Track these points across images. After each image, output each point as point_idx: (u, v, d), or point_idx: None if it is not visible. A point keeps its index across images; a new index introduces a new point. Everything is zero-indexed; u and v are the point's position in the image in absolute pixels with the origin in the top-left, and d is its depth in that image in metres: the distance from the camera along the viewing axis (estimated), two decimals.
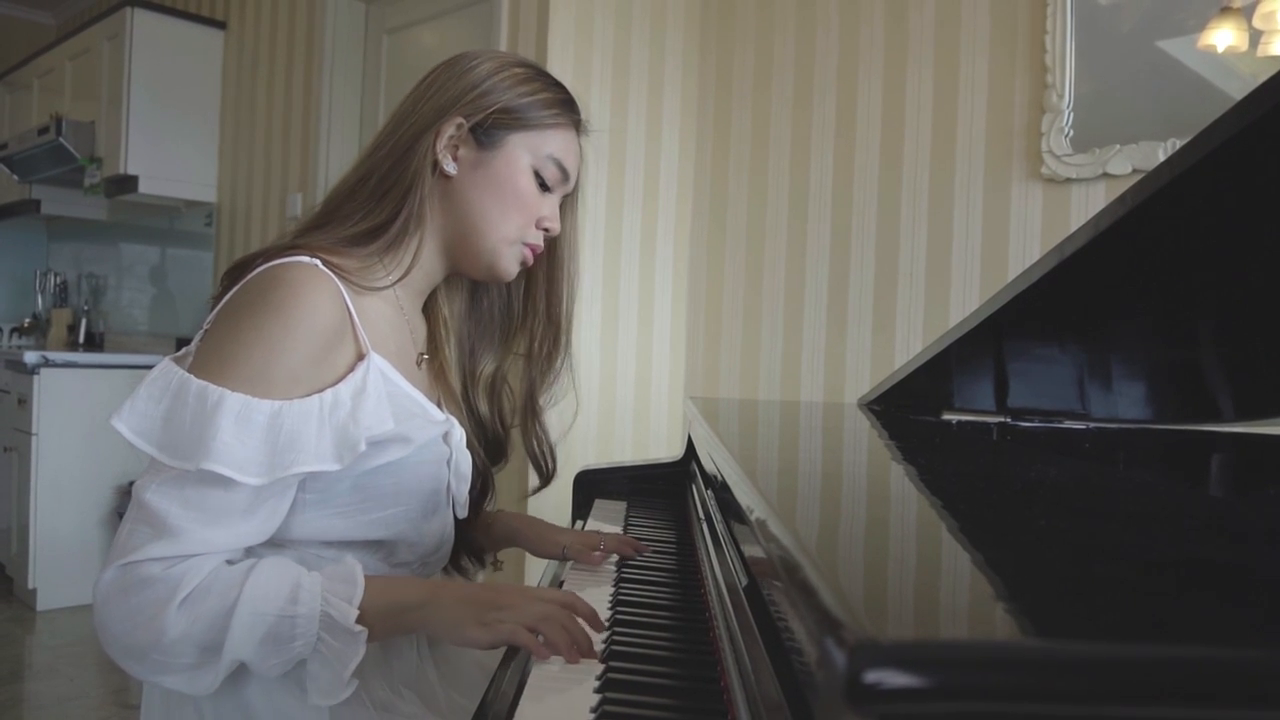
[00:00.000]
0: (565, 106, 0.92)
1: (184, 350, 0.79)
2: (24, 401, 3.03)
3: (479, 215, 0.89)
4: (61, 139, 3.41)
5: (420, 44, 2.75)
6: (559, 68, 2.15)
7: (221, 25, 3.47)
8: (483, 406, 0.99)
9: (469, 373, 0.99)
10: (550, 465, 1.04)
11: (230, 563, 0.74)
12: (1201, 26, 1.64)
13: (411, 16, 2.77)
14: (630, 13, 2.31)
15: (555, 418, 1.07)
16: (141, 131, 3.28)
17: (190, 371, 0.73)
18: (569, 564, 0.99)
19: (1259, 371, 1.20)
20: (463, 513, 0.94)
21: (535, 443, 1.02)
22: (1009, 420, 1.42)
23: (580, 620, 0.71)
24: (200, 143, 3.41)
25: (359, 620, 0.71)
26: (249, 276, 0.78)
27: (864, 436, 1.12)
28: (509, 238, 0.90)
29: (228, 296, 0.78)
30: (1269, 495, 1.01)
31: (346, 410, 0.76)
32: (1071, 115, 1.83)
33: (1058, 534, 0.47)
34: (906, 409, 1.48)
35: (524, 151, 0.89)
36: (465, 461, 0.93)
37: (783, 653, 0.42)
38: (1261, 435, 1.33)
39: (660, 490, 1.43)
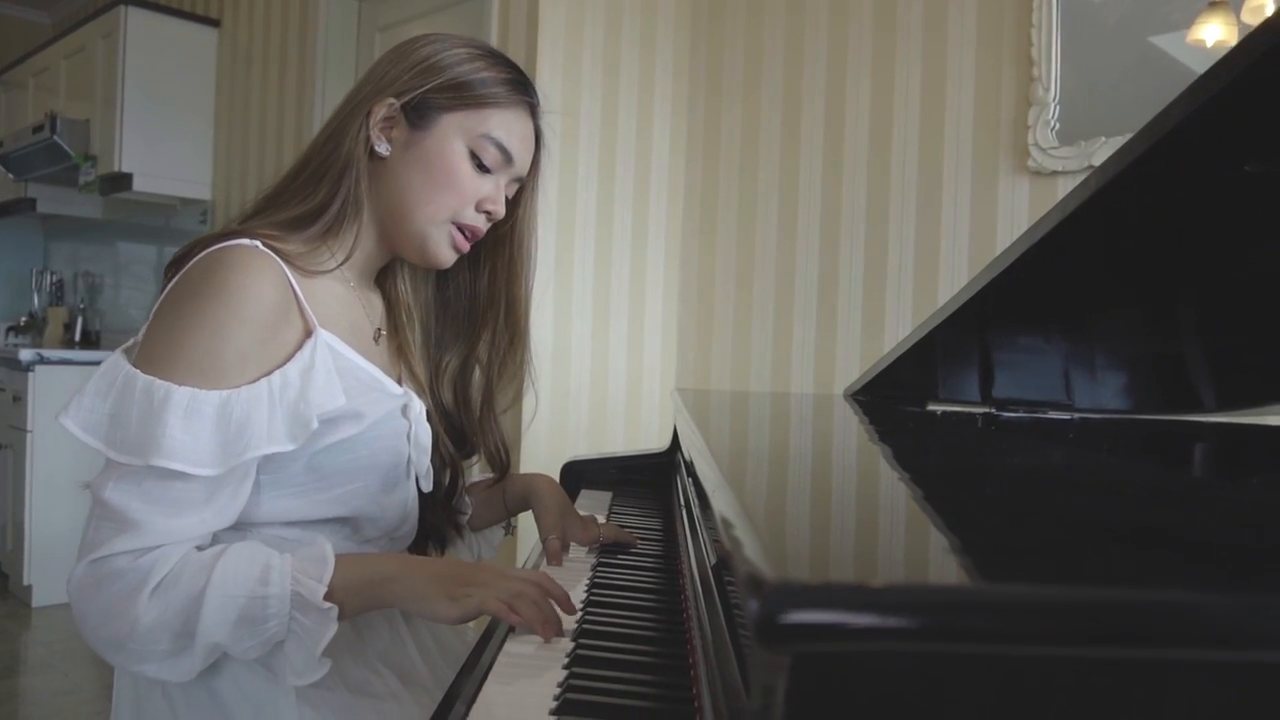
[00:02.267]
0: (509, 86, 0.89)
1: (132, 341, 0.79)
2: (19, 399, 3.04)
3: (407, 195, 0.87)
4: (56, 137, 3.41)
5: None
6: (549, 66, 2.16)
7: (215, 23, 3.47)
8: (447, 397, 0.99)
9: (435, 364, 0.99)
10: (504, 459, 1.03)
11: (201, 549, 0.74)
12: (1189, 21, 1.65)
13: (404, 13, 2.77)
14: (620, 10, 2.32)
15: (512, 416, 1.07)
16: (136, 129, 3.28)
17: (136, 365, 0.74)
18: (540, 558, 0.99)
19: (1240, 363, 1.21)
20: (426, 486, 0.94)
21: (490, 438, 1.01)
22: (994, 411, 1.43)
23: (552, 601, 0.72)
24: (195, 140, 3.42)
25: (329, 597, 0.72)
26: (189, 264, 0.78)
27: (839, 423, 1.13)
28: (436, 218, 0.87)
29: (169, 286, 0.78)
30: (1234, 475, 1.02)
31: (296, 389, 0.76)
32: (1058, 108, 1.83)
33: (999, 501, 0.48)
34: (892, 400, 1.49)
35: (457, 131, 0.87)
36: (425, 434, 0.92)
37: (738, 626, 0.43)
38: (1241, 425, 1.34)
39: (647, 481, 1.44)
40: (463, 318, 1.00)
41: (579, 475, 1.47)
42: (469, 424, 1.00)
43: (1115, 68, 1.77)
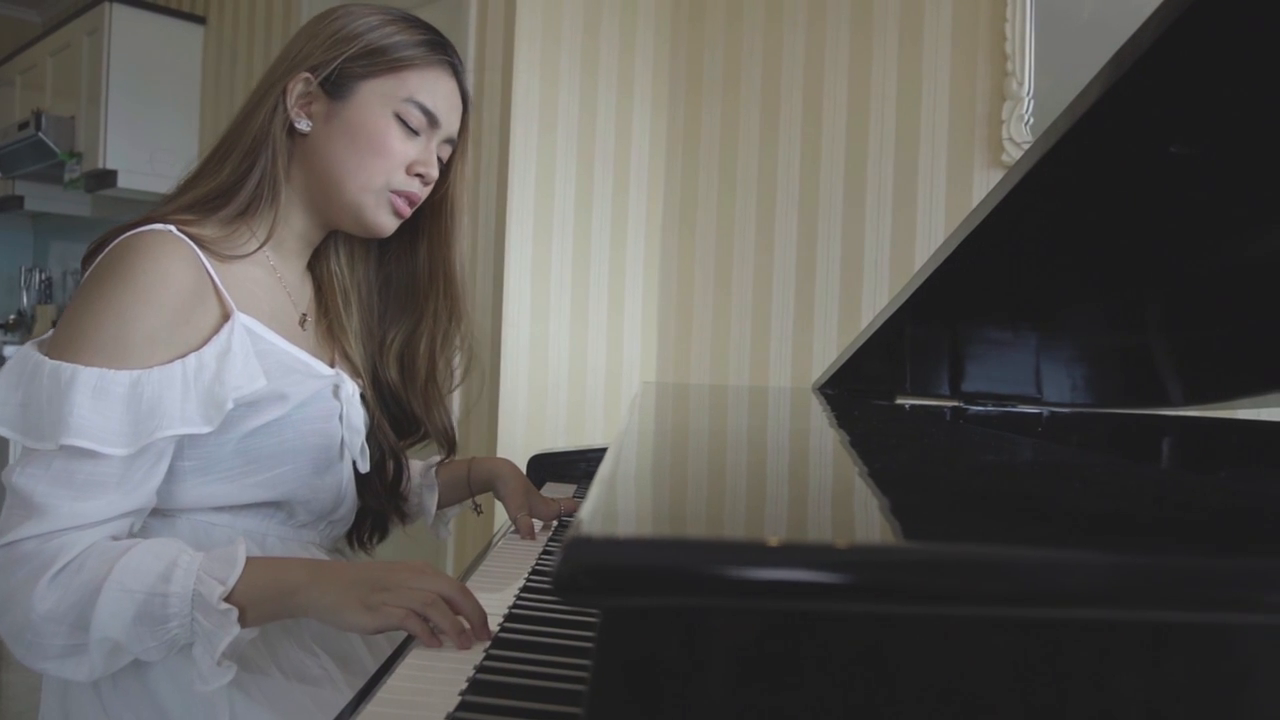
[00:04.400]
0: (425, 47, 0.89)
1: (46, 334, 0.79)
2: None
3: (336, 167, 0.86)
4: (41, 134, 3.41)
5: None
6: (526, 65, 2.16)
7: (201, 20, 3.47)
8: (393, 374, 0.98)
9: (379, 342, 0.98)
10: (451, 437, 1.03)
11: (118, 540, 0.73)
12: None
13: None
14: (599, 10, 2.32)
15: (487, 411, 1.08)
16: (120, 126, 3.28)
17: (46, 353, 0.73)
18: (508, 530, 1.00)
19: (1207, 358, 1.21)
20: (364, 466, 0.93)
21: (436, 415, 1.00)
22: (962, 405, 1.43)
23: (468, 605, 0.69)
24: (180, 137, 3.42)
25: (232, 600, 0.70)
26: (103, 253, 0.78)
27: (788, 412, 1.13)
28: (369, 186, 0.87)
29: (85, 276, 0.78)
30: (1173, 460, 1.02)
31: (211, 372, 0.75)
32: (1032, 103, 1.83)
33: (900, 475, 0.47)
34: (860, 393, 1.49)
35: (378, 97, 0.86)
36: (358, 415, 0.92)
37: None
38: (1205, 419, 1.34)
39: None
40: (405, 293, 0.99)
41: (545, 468, 1.47)
42: (415, 402, 0.99)
43: (1089, 63, 1.76)
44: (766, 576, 0.24)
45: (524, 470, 1.44)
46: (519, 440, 2.14)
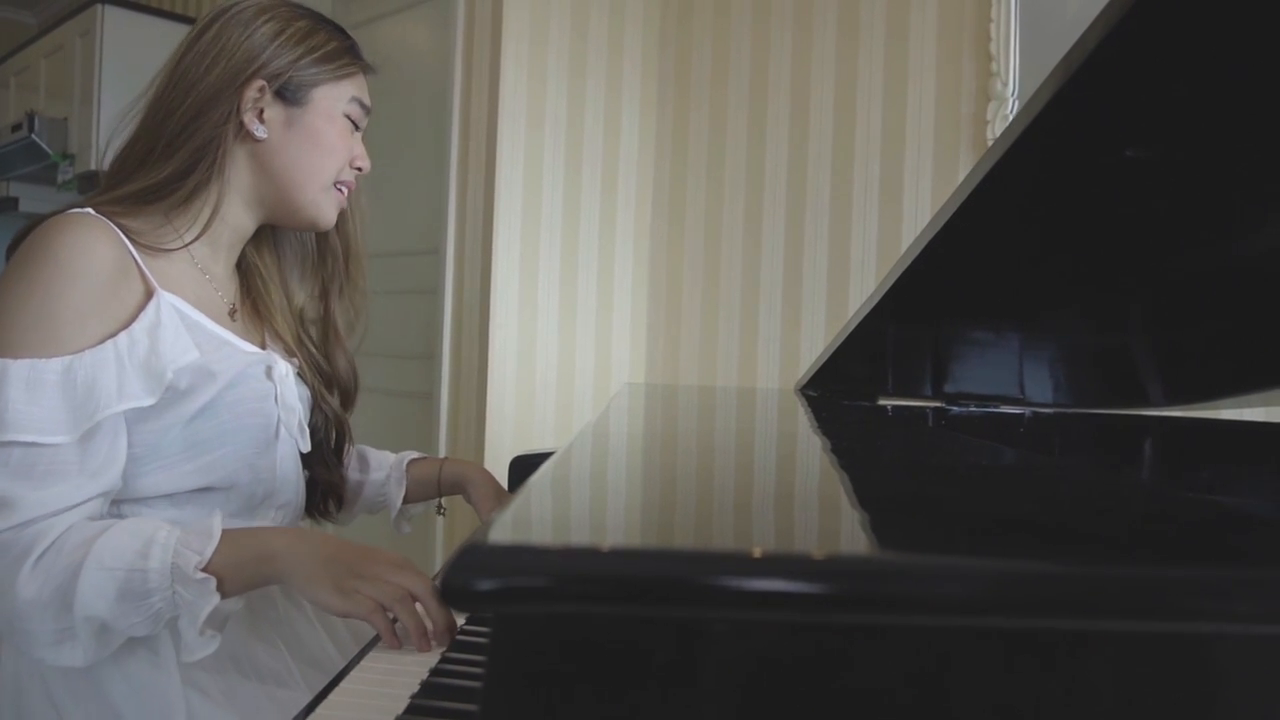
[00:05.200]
0: (353, 52, 0.95)
1: None
2: None
3: (298, 170, 0.90)
4: (34, 135, 3.41)
5: (384, 38, 2.76)
6: (513, 64, 2.16)
7: (192, 22, 3.47)
8: (315, 337, 1.00)
9: (296, 313, 1.00)
10: (354, 381, 1.05)
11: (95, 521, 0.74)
12: None
13: (374, 11, 2.78)
14: (587, 10, 2.32)
15: (475, 419, 1.08)
16: (113, 128, 3.27)
17: None
18: None
19: (1188, 358, 1.20)
20: (305, 446, 0.94)
21: (338, 360, 1.02)
22: (944, 406, 1.43)
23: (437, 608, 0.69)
24: None
25: (210, 569, 0.71)
26: (23, 243, 0.78)
27: (764, 414, 1.13)
28: (325, 185, 0.92)
29: (6, 266, 0.78)
30: (1147, 462, 1.02)
31: (145, 346, 0.76)
32: (1016, 103, 1.83)
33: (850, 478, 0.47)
34: (842, 394, 1.49)
35: (332, 101, 0.92)
36: (292, 394, 0.93)
37: None
38: (1187, 419, 1.34)
39: None
40: (307, 260, 1.02)
41: (527, 470, 1.46)
42: (332, 357, 1.02)
43: None
44: (642, 581, 0.24)
45: (507, 471, 1.44)
46: (506, 441, 2.14)
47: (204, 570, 0.71)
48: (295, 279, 1.01)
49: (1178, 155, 0.75)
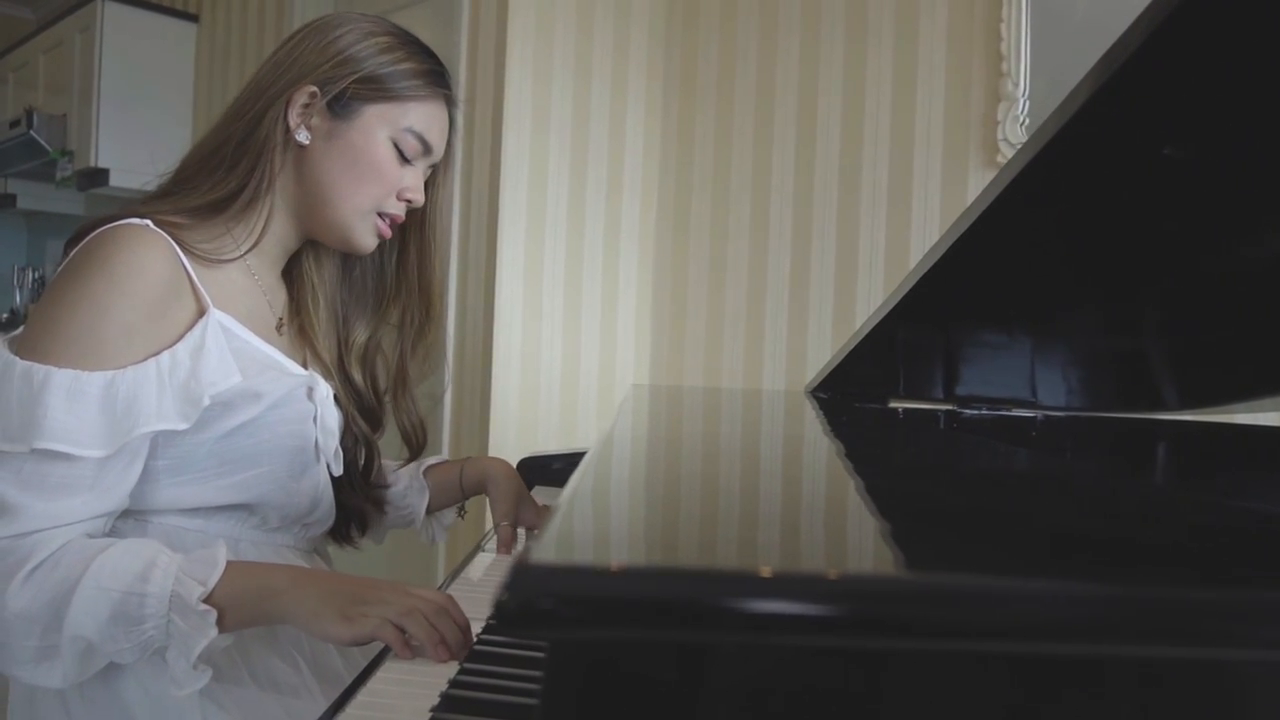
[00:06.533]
0: (429, 78, 0.90)
1: (16, 331, 0.78)
2: None
3: (330, 186, 0.87)
4: (33, 132, 3.39)
5: None
6: (518, 65, 2.14)
7: (194, 18, 3.45)
8: (356, 375, 0.98)
9: (343, 341, 0.98)
10: (420, 437, 1.03)
11: (93, 538, 0.72)
12: None
13: (378, 8, 2.76)
14: (593, 12, 2.30)
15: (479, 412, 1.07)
16: (112, 124, 3.26)
17: (17, 351, 0.72)
18: (491, 536, 0.99)
19: (1203, 361, 1.19)
20: (337, 470, 0.93)
21: (405, 416, 1.00)
22: (956, 408, 1.42)
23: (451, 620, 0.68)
24: (172, 136, 3.39)
25: (211, 601, 0.69)
26: (78, 247, 0.77)
27: (780, 417, 1.11)
28: (361, 209, 0.88)
29: (59, 269, 0.77)
30: (1164, 469, 1.00)
31: (186, 369, 0.75)
32: (1027, 104, 1.82)
33: (874, 490, 0.46)
34: (853, 397, 1.47)
35: (380, 123, 0.87)
36: (332, 417, 0.91)
37: None
38: (1202, 423, 1.33)
39: None
40: (370, 294, 1.00)
41: (535, 471, 1.45)
42: (379, 401, 1.00)
43: (1084, 63, 1.75)
44: (725, 608, 0.23)
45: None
46: (510, 443, 2.13)
47: (205, 602, 0.69)
48: (359, 308, 0.99)
49: (1201, 158, 0.74)
